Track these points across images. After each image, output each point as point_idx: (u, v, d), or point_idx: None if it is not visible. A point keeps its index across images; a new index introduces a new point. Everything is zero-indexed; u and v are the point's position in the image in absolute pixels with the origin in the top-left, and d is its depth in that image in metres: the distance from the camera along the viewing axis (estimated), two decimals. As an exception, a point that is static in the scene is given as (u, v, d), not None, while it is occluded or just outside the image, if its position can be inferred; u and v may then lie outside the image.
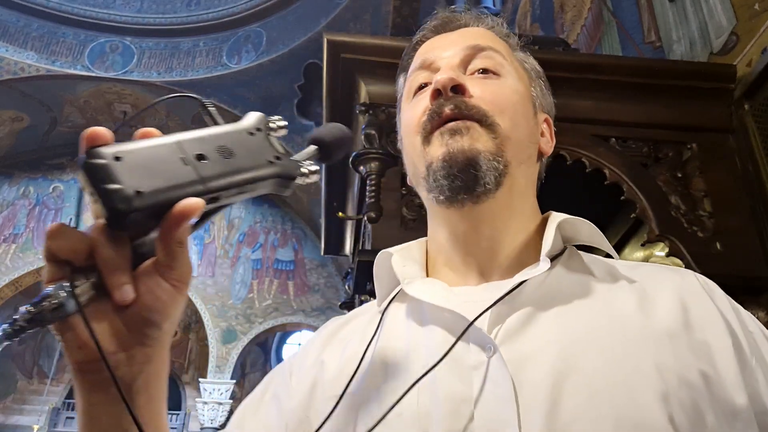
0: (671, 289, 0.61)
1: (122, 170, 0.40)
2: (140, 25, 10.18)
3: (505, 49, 0.72)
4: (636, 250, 1.88)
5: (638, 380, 0.52)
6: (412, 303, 0.66)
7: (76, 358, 0.44)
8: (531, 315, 0.59)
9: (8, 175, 11.40)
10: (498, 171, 0.62)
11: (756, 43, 1.68)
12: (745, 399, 0.53)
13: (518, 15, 4.09)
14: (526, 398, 0.53)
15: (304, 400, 0.64)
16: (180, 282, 0.45)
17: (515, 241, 0.66)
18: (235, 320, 10.88)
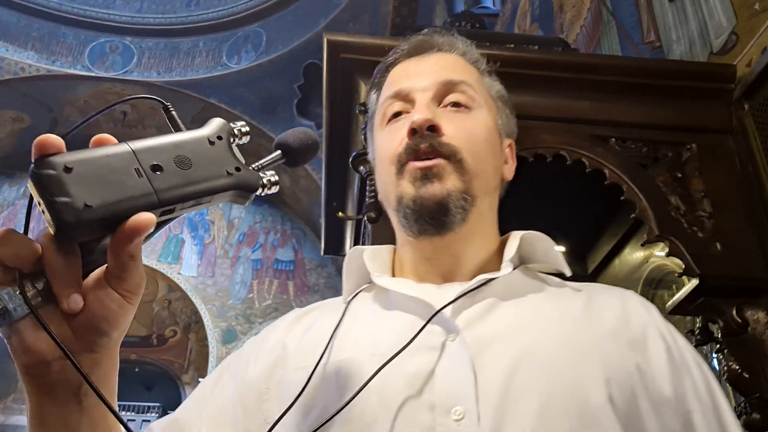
0: (614, 301, 0.69)
1: (72, 182, 0.39)
2: (140, 25, 10.18)
3: (475, 78, 0.78)
4: (636, 250, 1.88)
5: (584, 365, 0.59)
6: (378, 294, 0.72)
7: (23, 361, 0.45)
8: (492, 305, 0.66)
9: (9, 175, 11.39)
10: (465, 209, 0.69)
11: (756, 43, 1.68)
12: (671, 393, 0.61)
13: (518, 15, 4.09)
14: (484, 376, 0.58)
15: (264, 374, 0.67)
16: (130, 293, 0.45)
17: (477, 256, 0.73)
18: (235, 320, 10.88)
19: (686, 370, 0.63)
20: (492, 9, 5.61)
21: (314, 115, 9.08)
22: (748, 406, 1.30)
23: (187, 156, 0.45)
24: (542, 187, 1.66)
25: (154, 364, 10.93)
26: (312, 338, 0.67)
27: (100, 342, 0.46)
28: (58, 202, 0.38)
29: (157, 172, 0.43)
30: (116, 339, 0.47)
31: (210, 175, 0.46)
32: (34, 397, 0.48)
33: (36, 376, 0.46)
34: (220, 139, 0.49)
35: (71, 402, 0.46)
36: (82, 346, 0.45)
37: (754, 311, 1.36)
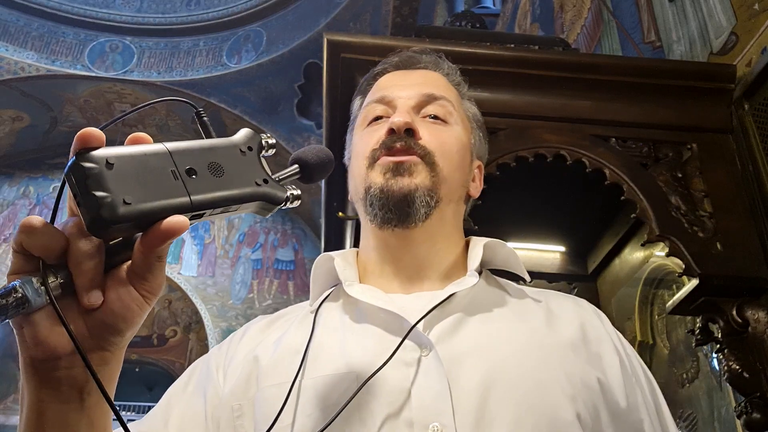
0: (571, 311, 0.73)
1: (112, 177, 0.39)
2: (140, 24, 10.18)
3: (455, 98, 0.83)
4: (636, 250, 1.88)
5: (552, 382, 0.62)
6: (347, 303, 0.72)
7: (31, 353, 0.44)
8: (460, 320, 0.67)
9: (8, 175, 11.39)
10: (429, 206, 0.71)
11: (756, 42, 1.68)
12: (626, 404, 0.65)
13: (518, 14, 4.09)
14: (459, 392, 0.59)
15: (237, 390, 0.66)
16: (150, 293, 0.44)
17: (443, 260, 0.75)
18: (235, 320, 10.88)
19: (636, 379, 0.69)
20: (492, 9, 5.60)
21: (315, 115, 9.07)
22: (748, 405, 1.30)
23: (219, 163, 0.46)
24: (542, 187, 1.66)
25: (155, 364, 10.93)
26: (284, 352, 0.67)
27: (113, 341, 0.45)
28: (98, 197, 0.38)
29: (192, 176, 0.43)
30: (127, 339, 0.47)
31: (240, 184, 0.46)
32: (35, 392, 0.47)
33: (42, 370, 0.45)
34: (250, 149, 0.49)
35: (74, 400, 0.46)
36: (95, 343, 0.45)
37: (754, 311, 1.36)
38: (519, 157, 1.47)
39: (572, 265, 2.08)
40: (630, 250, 1.91)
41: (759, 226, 1.46)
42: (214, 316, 10.84)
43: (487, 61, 1.54)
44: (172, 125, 10.13)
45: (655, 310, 1.92)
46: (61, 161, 11.56)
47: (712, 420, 1.67)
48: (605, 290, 2.04)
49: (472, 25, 2.02)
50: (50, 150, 11.42)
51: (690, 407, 1.76)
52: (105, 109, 10.55)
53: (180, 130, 9.99)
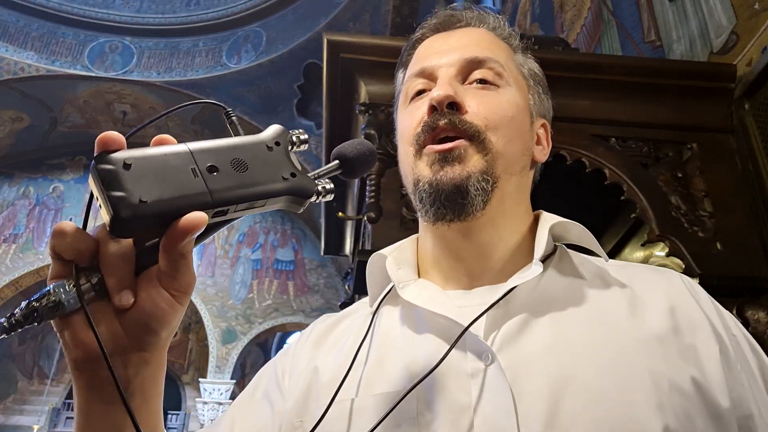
0: (660, 293, 0.62)
1: (129, 177, 0.40)
2: (140, 25, 10.18)
3: (505, 55, 0.72)
4: (636, 250, 1.88)
5: (633, 388, 0.53)
6: (405, 307, 0.66)
7: (73, 355, 0.45)
8: (526, 321, 0.60)
9: (8, 175, 11.39)
10: (486, 192, 0.63)
11: (756, 42, 1.68)
12: (728, 403, 0.55)
13: (518, 14, 4.09)
14: (524, 407, 0.53)
15: (298, 405, 0.64)
16: (180, 292, 0.45)
17: (507, 244, 0.67)
18: (235, 320, 10.88)
19: (743, 366, 0.58)
20: (492, 9, 5.60)
21: (314, 114, 9.07)
22: (748, 405, 1.30)
23: (243, 159, 0.45)
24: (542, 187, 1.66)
25: (154, 364, 10.94)
26: (342, 366, 0.63)
27: (150, 340, 0.46)
28: (115, 196, 0.39)
29: (213, 173, 0.43)
30: (165, 338, 0.47)
31: (265, 179, 0.46)
32: (82, 392, 0.47)
33: (85, 371, 0.45)
34: (278, 144, 0.48)
35: (118, 401, 0.45)
36: (132, 343, 0.45)
37: (754, 311, 1.36)
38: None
39: (572, 265, 2.08)
40: (630, 250, 1.90)
41: (759, 226, 1.45)
42: (214, 316, 10.84)
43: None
44: (171, 125, 10.13)
45: (655, 310, 1.91)
46: (61, 162, 11.56)
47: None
48: (605, 290, 2.04)
49: (471, 25, 2.02)
50: (50, 150, 11.41)
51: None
52: (104, 109, 10.55)
53: (179, 130, 9.99)
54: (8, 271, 10.57)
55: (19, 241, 10.86)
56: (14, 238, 10.89)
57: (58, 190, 11.33)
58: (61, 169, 11.54)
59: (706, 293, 0.64)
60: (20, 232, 10.94)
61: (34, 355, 11.92)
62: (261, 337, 11.33)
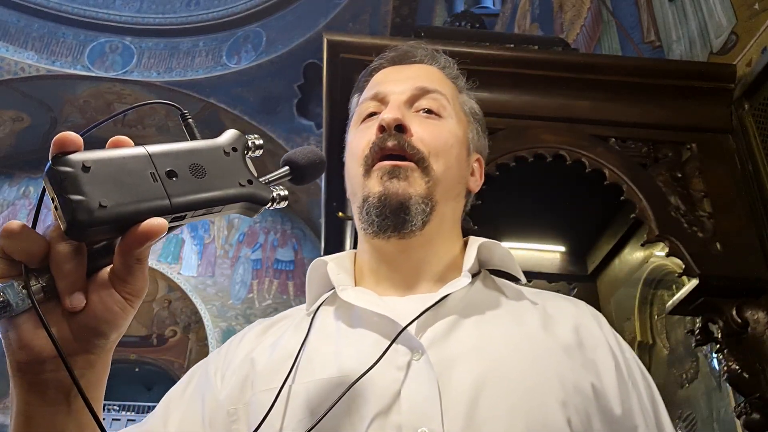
0: (567, 314, 0.71)
1: (89, 180, 0.39)
2: (140, 25, 10.18)
3: (451, 92, 0.81)
4: (636, 250, 1.88)
5: (544, 385, 0.61)
6: (342, 308, 0.72)
7: (17, 357, 0.44)
8: (454, 323, 0.67)
9: (8, 175, 11.39)
10: (425, 213, 0.70)
11: (756, 42, 1.68)
12: (620, 411, 0.64)
13: (518, 14, 4.09)
14: (449, 396, 0.59)
15: (233, 394, 0.67)
16: (133, 296, 0.45)
17: (441, 261, 0.74)
18: (235, 320, 10.88)
19: (633, 384, 0.67)
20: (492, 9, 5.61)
21: (314, 115, 9.07)
22: (748, 406, 1.30)
23: (201, 165, 0.45)
24: (542, 187, 1.66)
25: (154, 364, 10.93)
26: (279, 357, 0.67)
27: (98, 343, 0.46)
28: (74, 200, 0.38)
29: (172, 178, 0.43)
30: (113, 341, 0.47)
31: (223, 185, 0.46)
32: (22, 396, 0.47)
33: (28, 373, 0.45)
34: (234, 150, 0.49)
35: (61, 403, 0.46)
36: (80, 346, 0.45)
37: (754, 311, 1.36)
38: (518, 157, 1.47)
39: (572, 265, 2.08)
40: (630, 250, 1.91)
41: (759, 226, 1.46)
42: (214, 316, 10.84)
43: (487, 61, 1.54)
44: (172, 125, 10.13)
45: (654, 311, 1.92)
46: (61, 161, 11.57)
47: (711, 420, 1.67)
48: (605, 290, 2.04)
49: (471, 26, 2.03)
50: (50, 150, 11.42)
51: (689, 408, 1.75)
52: (105, 109, 10.54)
53: (179, 131, 9.96)
54: None
55: (19, 241, 10.87)
56: (14, 238, 10.89)
57: (11, 220, 11.30)
58: (61, 169, 11.54)
59: (607, 323, 0.74)
60: (20, 232, 10.95)
61: (33, 355, 11.93)
62: (261, 337, 11.33)
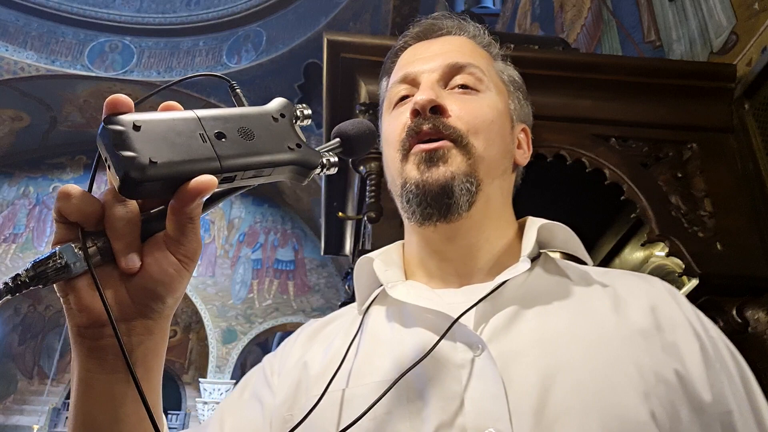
0: (641, 294, 0.64)
1: (139, 139, 0.40)
2: (140, 24, 10.18)
3: (485, 62, 0.75)
4: (636, 250, 1.88)
5: (620, 377, 0.55)
6: (393, 305, 0.67)
7: (76, 321, 0.44)
8: (515, 314, 0.61)
9: (8, 175, 11.39)
10: (470, 193, 0.65)
11: (756, 42, 1.68)
12: (710, 397, 0.57)
13: (518, 14, 4.09)
14: (515, 394, 0.54)
15: (288, 399, 0.64)
16: (187, 258, 0.45)
17: (494, 246, 0.68)
18: (235, 320, 10.88)
19: (722, 365, 0.60)
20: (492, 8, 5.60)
21: (314, 114, 9.06)
22: (748, 405, 1.30)
23: (250, 128, 0.46)
24: (542, 187, 1.66)
25: (155, 363, 10.93)
26: (331, 360, 0.64)
27: (155, 307, 0.46)
28: (125, 156, 0.39)
29: (221, 139, 0.44)
30: (170, 307, 0.47)
31: (271, 148, 0.46)
32: (83, 362, 0.46)
33: (88, 338, 0.45)
34: (283, 116, 0.49)
35: (119, 371, 0.46)
36: (138, 310, 0.45)
37: (754, 311, 1.36)
38: (519, 156, 1.47)
39: (572, 264, 2.08)
40: (630, 250, 1.91)
41: (760, 225, 1.45)
42: (214, 316, 10.84)
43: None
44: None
45: (655, 310, 1.91)
46: (61, 161, 11.56)
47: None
48: (605, 290, 2.04)
49: (472, 25, 2.02)
50: (50, 150, 11.42)
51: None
52: (105, 109, 10.55)
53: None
54: (8, 271, 10.57)
55: (19, 241, 10.86)
56: (14, 237, 10.88)
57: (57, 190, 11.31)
58: (61, 168, 11.54)
59: (686, 299, 0.66)
60: (20, 232, 10.94)
61: (34, 355, 11.92)
62: (261, 337, 11.33)
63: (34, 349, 11.95)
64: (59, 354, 11.13)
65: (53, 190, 11.33)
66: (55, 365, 11.26)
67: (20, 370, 11.72)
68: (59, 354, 11.13)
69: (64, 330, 10.80)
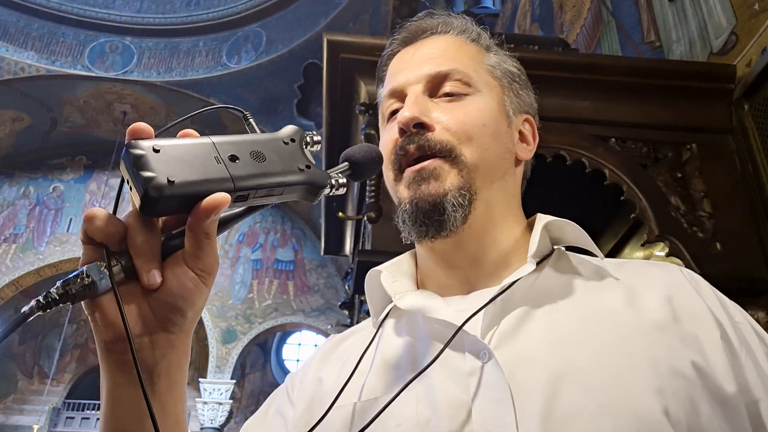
0: (658, 284, 0.62)
1: (159, 160, 0.44)
2: (140, 25, 10.18)
3: (473, 61, 0.72)
4: (636, 250, 1.88)
5: (632, 374, 0.53)
6: (405, 317, 0.68)
7: (103, 336, 0.47)
8: (523, 317, 0.60)
9: (8, 175, 11.40)
10: (463, 207, 0.64)
11: (755, 43, 1.68)
12: (734, 388, 0.55)
13: (518, 15, 4.09)
14: (522, 400, 0.53)
15: (305, 414, 0.66)
16: (205, 272, 0.47)
17: (501, 249, 0.67)
18: (235, 320, 10.88)
19: (747, 352, 0.58)
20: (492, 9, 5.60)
21: (314, 115, 9.07)
22: (748, 406, 1.30)
23: (261, 151, 0.49)
24: (542, 187, 1.66)
25: (154, 364, 10.93)
26: (346, 374, 0.64)
27: (176, 321, 0.48)
28: (144, 177, 0.43)
29: (235, 161, 0.47)
30: (191, 321, 0.49)
31: (282, 170, 0.49)
32: (109, 376, 0.49)
33: (114, 352, 0.47)
34: (293, 141, 0.52)
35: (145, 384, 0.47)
36: (159, 324, 0.47)
37: (753, 311, 1.36)
38: (519, 157, 1.47)
39: (572, 265, 2.08)
40: (630, 250, 1.91)
41: (758, 226, 1.46)
42: (214, 316, 10.84)
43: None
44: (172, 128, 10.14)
45: (654, 310, 1.91)
46: (61, 161, 11.56)
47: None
48: (605, 290, 2.04)
49: (471, 26, 2.02)
50: (50, 150, 11.42)
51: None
52: (105, 109, 10.55)
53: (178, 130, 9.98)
54: (8, 271, 10.57)
55: (19, 241, 10.87)
56: (14, 238, 10.89)
57: (58, 190, 11.33)
58: (61, 169, 11.54)
59: (708, 284, 0.64)
60: (20, 232, 10.95)
61: (34, 355, 11.92)
62: (261, 337, 11.33)
63: (34, 349, 11.95)
64: (59, 354, 11.13)
65: (53, 191, 11.33)
66: (55, 365, 11.26)
67: (20, 369, 11.72)
68: (59, 354, 11.13)
69: (64, 330, 10.80)
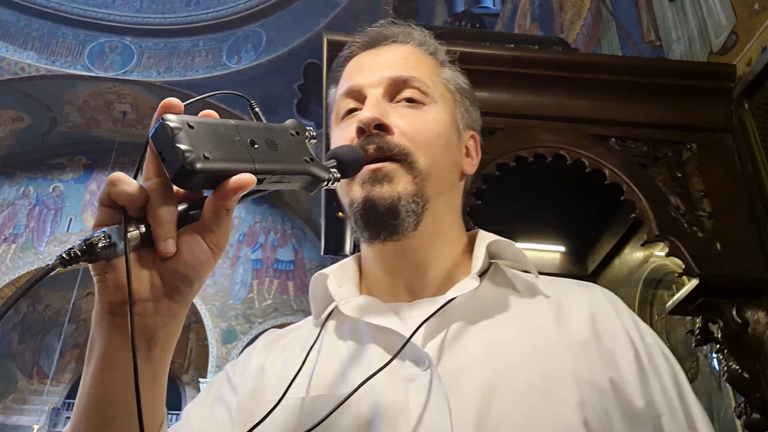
0: (582, 303, 0.68)
1: (193, 136, 0.46)
2: (140, 25, 10.17)
3: (430, 72, 0.75)
4: (636, 250, 1.88)
5: (558, 387, 0.59)
6: (349, 321, 0.70)
7: (111, 298, 0.48)
8: (462, 329, 0.64)
9: (8, 175, 11.39)
10: (416, 213, 0.66)
11: (756, 42, 1.68)
12: (643, 403, 0.61)
13: (518, 14, 4.09)
14: (458, 408, 0.57)
15: (247, 405, 0.67)
16: (217, 246, 0.49)
17: (443, 262, 0.71)
18: (235, 320, 10.88)
19: (654, 371, 0.64)
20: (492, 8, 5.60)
21: (314, 115, 9.07)
22: (748, 406, 1.30)
23: (274, 140, 0.52)
24: (542, 187, 1.66)
25: (154, 363, 10.93)
26: (287, 371, 0.66)
27: (183, 290, 0.49)
28: (184, 149, 0.44)
29: (254, 146, 0.50)
30: (195, 291, 0.51)
31: (292, 159, 0.53)
32: (108, 338, 0.49)
33: (118, 315, 0.48)
34: (298, 134, 0.57)
35: (141, 349, 0.48)
36: (167, 292, 0.49)
37: (754, 311, 1.36)
38: (518, 157, 1.47)
39: (572, 265, 2.08)
40: (630, 250, 1.91)
41: (759, 226, 1.45)
42: (214, 316, 10.83)
43: (486, 61, 1.54)
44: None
45: (654, 311, 1.91)
46: (61, 161, 11.56)
47: (712, 421, 1.67)
48: (605, 290, 2.04)
49: (471, 25, 2.03)
50: (50, 150, 11.41)
51: (690, 407, 1.75)
52: (104, 109, 10.54)
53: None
54: (8, 271, 10.57)
55: (19, 241, 10.86)
56: (14, 237, 10.88)
57: (57, 190, 11.32)
58: (60, 168, 11.53)
59: (626, 307, 0.70)
60: (20, 232, 10.94)
61: (34, 355, 11.92)
62: (261, 337, 11.32)
63: (33, 349, 11.94)
64: (59, 354, 11.12)
65: (53, 191, 11.32)
66: (55, 365, 11.25)
67: (20, 369, 11.72)
68: (59, 354, 11.12)
69: (64, 329, 10.79)
